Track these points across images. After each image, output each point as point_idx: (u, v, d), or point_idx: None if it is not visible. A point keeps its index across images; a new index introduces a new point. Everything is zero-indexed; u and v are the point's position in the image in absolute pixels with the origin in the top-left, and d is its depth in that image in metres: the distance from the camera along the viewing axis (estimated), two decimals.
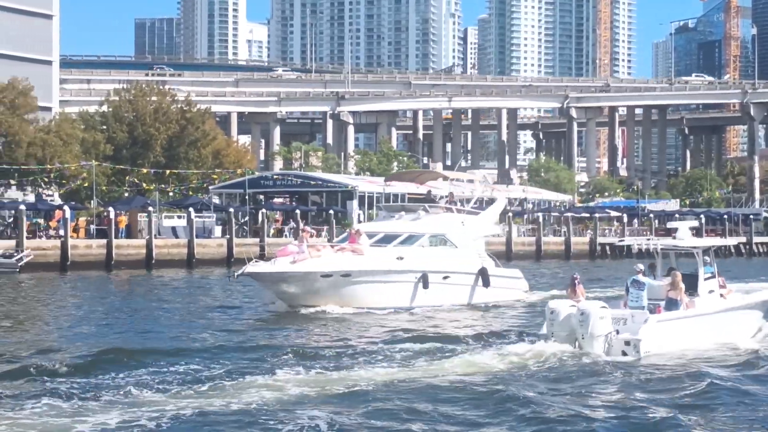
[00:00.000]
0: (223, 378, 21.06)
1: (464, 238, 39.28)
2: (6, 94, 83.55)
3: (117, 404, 18.30)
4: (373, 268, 35.87)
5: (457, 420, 17.78)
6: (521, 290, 41.23)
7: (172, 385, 20.10)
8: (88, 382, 20.36)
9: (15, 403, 18.29)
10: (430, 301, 36.67)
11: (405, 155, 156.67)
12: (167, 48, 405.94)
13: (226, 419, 17.40)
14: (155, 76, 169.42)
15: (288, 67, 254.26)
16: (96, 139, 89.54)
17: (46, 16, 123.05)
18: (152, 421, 17.01)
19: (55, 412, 17.66)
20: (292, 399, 19.08)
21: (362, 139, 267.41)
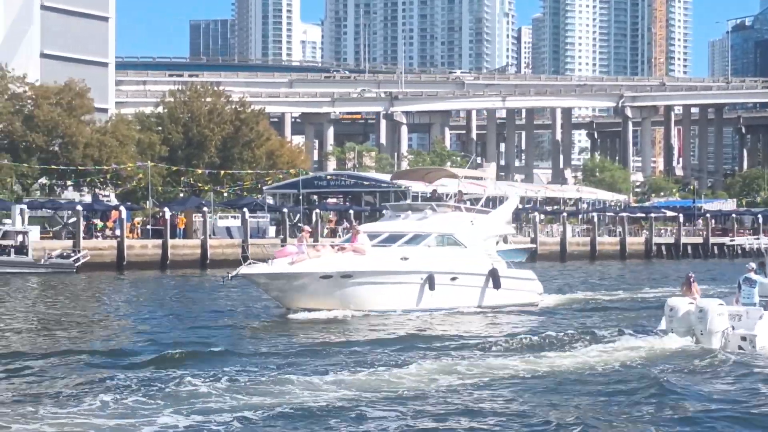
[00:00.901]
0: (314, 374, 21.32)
1: (473, 237, 37.62)
2: (63, 96, 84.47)
3: (180, 402, 18.37)
4: (376, 269, 34.45)
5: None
6: (535, 293, 39.43)
7: (234, 384, 20.16)
8: (150, 381, 20.47)
9: (78, 402, 18.42)
10: (437, 303, 35.22)
11: (458, 155, 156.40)
12: (222, 49, 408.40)
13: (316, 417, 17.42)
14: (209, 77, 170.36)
15: (341, 68, 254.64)
16: (152, 140, 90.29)
17: (103, 18, 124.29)
18: (218, 422, 17.06)
19: (119, 411, 17.76)
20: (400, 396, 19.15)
21: (415, 139, 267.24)
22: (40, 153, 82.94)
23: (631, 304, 40.21)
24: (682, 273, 40.28)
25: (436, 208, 38.22)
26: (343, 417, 17.52)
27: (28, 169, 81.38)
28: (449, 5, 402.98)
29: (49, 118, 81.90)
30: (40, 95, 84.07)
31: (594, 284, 53.56)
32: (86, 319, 34.34)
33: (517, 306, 37.00)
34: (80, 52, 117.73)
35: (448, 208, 38.99)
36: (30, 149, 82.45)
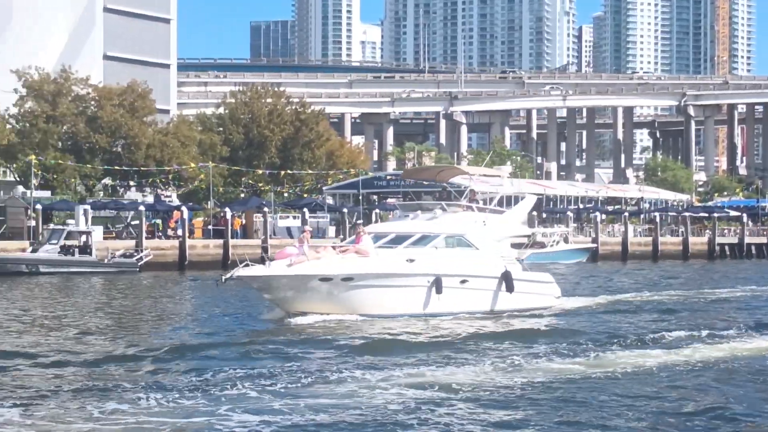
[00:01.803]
0: (397, 369, 21.51)
1: (486, 238, 35.66)
2: (126, 97, 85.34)
3: (244, 401, 18.48)
4: (378, 271, 32.74)
5: None
6: (552, 296, 37.45)
7: (296, 382, 20.23)
8: (209, 379, 20.59)
9: (146, 398, 18.58)
10: (445, 308, 33.43)
11: (518, 155, 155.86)
12: (282, 50, 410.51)
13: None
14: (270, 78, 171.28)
15: (401, 68, 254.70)
16: (213, 141, 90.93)
17: (165, 20, 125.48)
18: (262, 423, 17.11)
19: (177, 410, 17.88)
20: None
21: (475, 138, 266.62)
22: (104, 154, 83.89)
23: (653, 306, 38.54)
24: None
25: (446, 208, 36.47)
26: (407, 417, 17.48)
27: (92, 170, 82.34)
28: (509, 4, 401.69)
29: (112, 120, 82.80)
30: (104, 97, 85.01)
31: (633, 285, 51.62)
32: (150, 317, 34.63)
33: (531, 310, 35.38)
34: (142, 53, 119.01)
35: (459, 207, 37.09)
36: (93, 150, 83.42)
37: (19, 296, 43.22)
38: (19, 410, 17.66)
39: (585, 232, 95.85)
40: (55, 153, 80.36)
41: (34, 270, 58.00)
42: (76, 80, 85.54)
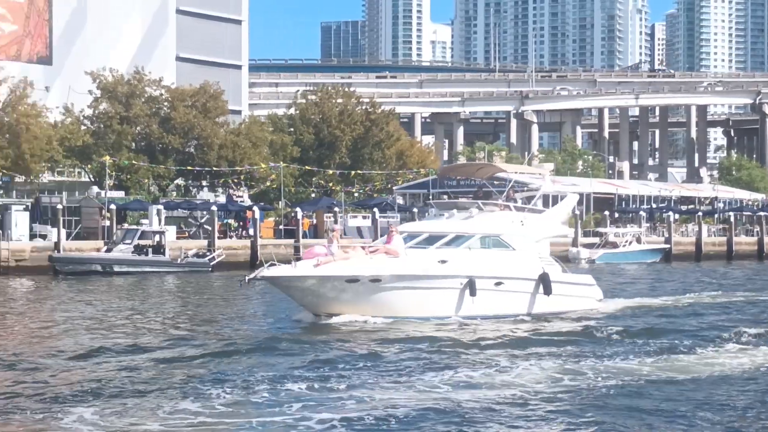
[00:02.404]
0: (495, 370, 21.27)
1: (523, 239, 34.50)
2: (198, 98, 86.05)
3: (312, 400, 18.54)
4: (409, 273, 31.68)
5: None
6: (593, 299, 36.26)
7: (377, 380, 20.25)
8: (279, 377, 20.70)
9: (217, 396, 18.71)
10: (478, 310, 32.32)
11: (590, 154, 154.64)
12: (352, 51, 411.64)
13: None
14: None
15: (471, 67, 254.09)
16: (284, 141, 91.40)
17: (236, 22, 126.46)
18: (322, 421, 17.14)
19: (241, 410, 17.99)
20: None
21: (546, 138, 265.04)
22: (176, 154, 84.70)
23: (699, 309, 36.88)
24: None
25: (482, 207, 35.33)
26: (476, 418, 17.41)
27: (165, 171, 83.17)
28: (581, 2, 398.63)
29: (184, 120, 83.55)
30: (176, 98, 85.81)
31: (691, 287, 49.68)
32: (222, 316, 34.86)
33: (571, 313, 34.08)
34: (214, 55, 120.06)
35: (496, 207, 35.86)
36: (166, 151, 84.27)
37: (94, 295, 43.73)
38: (93, 408, 17.89)
39: (658, 232, 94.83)
40: (129, 154, 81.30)
41: (108, 270, 58.72)
42: (150, 82, 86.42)
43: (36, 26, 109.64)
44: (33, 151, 71.87)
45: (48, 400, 18.78)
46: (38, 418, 17.18)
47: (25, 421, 17.03)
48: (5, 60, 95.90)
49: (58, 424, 16.81)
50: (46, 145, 73.44)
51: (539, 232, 35.52)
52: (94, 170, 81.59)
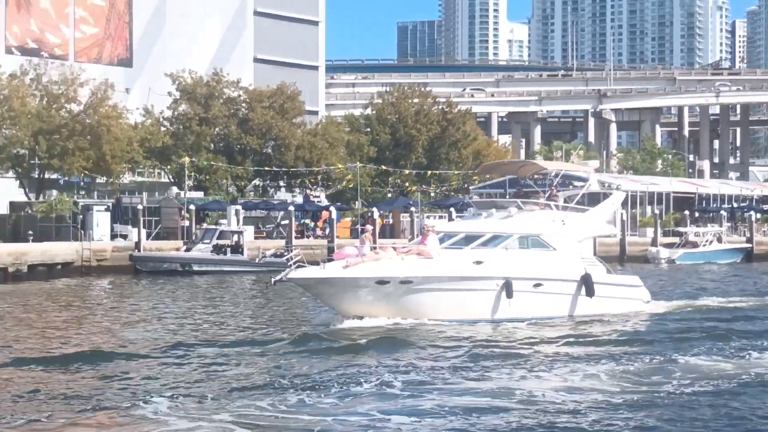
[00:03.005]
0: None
1: (564, 239, 33.20)
2: (275, 99, 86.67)
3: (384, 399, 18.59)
4: (441, 274, 30.70)
5: None
6: (640, 300, 34.82)
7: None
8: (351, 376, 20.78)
9: (295, 396, 18.84)
10: (516, 313, 31.23)
11: (669, 153, 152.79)
12: (429, 50, 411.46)
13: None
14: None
15: (549, 66, 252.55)
16: (360, 142, 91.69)
17: (313, 23, 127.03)
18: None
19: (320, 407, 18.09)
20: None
21: (624, 137, 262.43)
22: (254, 155, 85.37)
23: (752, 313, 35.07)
24: None
25: (522, 206, 34.07)
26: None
27: (243, 171, 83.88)
28: (659, 0, 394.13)
29: (262, 121, 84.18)
30: (254, 99, 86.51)
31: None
32: (297, 316, 35.06)
33: (616, 315, 32.90)
34: (291, 56, 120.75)
35: (536, 205, 34.65)
36: (244, 151, 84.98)
37: (174, 294, 44.21)
38: (168, 402, 18.17)
39: (739, 232, 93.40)
40: (208, 154, 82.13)
41: (187, 269, 59.36)
42: (228, 83, 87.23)
43: (116, 29, 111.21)
44: (114, 153, 72.90)
45: (129, 393, 19.15)
46: (122, 410, 17.52)
47: (109, 413, 17.39)
48: (87, 62, 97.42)
49: (137, 416, 17.11)
50: (126, 147, 74.45)
51: (582, 231, 34.35)
52: (174, 171, 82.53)
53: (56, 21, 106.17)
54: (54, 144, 71.69)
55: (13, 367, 22.63)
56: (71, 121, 72.85)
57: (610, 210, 38.75)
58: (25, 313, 35.88)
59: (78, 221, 62.50)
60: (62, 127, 71.94)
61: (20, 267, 52.18)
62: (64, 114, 73.70)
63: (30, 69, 75.23)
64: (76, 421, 16.92)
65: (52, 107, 73.57)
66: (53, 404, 18.28)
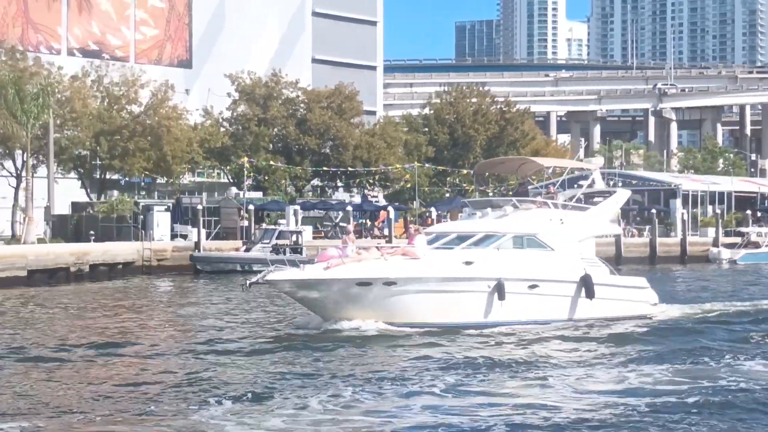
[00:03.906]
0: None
1: (563, 238, 31.70)
2: (333, 99, 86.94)
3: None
4: (427, 275, 29.23)
5: None
6: (646, 303, 33.04)
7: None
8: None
9: (352, 394, 18.91)
10: (510, 316, 29.74)
11: (731, 152, 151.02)
12: (487, 50, 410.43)
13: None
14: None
15: (608, 65, 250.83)
16: (418, 142, 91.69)
17: (371, 23, 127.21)
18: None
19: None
20: None
21: (685, 136, 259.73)
22: (312, 155, 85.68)
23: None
24: None
25: (518, 205, 32.62)
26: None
27: (301, 171, 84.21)
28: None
29: (320, 122, 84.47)
30: (312, 99, 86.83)
31: None
32: None
33: (620, 319, 31.34)
34: (349, 56, 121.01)
35: (533, 204, 33.18)
36: (303, 152, 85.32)
37: (234, 293, 44.46)
38: (230, 402, 18.27)
39: None
40: (267, 155, 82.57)
41: (247, 269, 59.55)
42: (286, 84, 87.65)
43: (176, 30, 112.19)
44: (174, 153, 73.55)
45: (185, 393, 19.28)
46: (178, 409, 17.65)
47: (167, 414, 17.52)
48: (147, 64, 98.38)
49: (192, 417, 17.23)
50: (186, 147, 75.09)
51: (582, 230, 32.76)
52: (233, 171, 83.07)
53: (117, 23, 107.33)
54: (115, 145, 72.54)
55: (74, 362, 22.98)
56: (132, 122, 73.64)
57: (614, 208, 36.78)
58: (88, 311, 36.29)
59: (139, 221, 63.06)
60: (123, 128, 72.76)
61: (82, 267, 52.77)
62: (125, 115, 74.51)
63: (91, 71, 76.16)
64: (131, 421, 17.08)
65: (113, 108, 74.40)
66: (116, 402, 18.49)
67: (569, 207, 33.61)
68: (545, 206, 32.95)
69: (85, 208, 69.33)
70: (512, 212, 32.11)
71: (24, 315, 35.20)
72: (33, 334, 28.96)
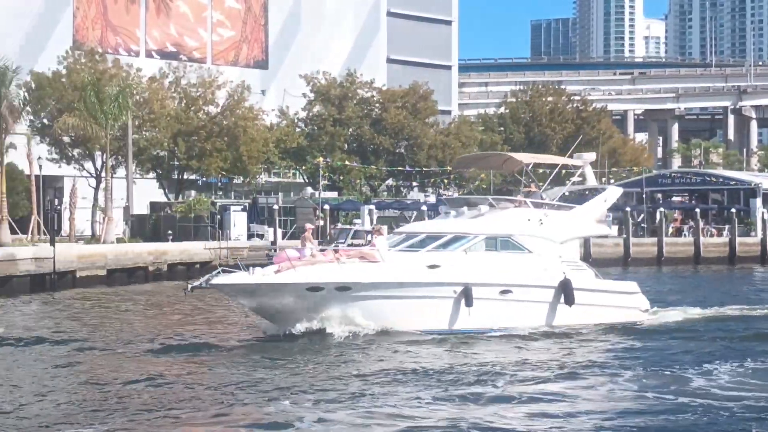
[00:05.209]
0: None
1: (542, 240, 29.67)
2: (408, 99, 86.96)
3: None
4: (385, 280, 27.43)
5: None
6: (636, 309, 30.98)
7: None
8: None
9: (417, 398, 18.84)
10: (479, 323, 28.02)
11: None
12: (563, 48, 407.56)
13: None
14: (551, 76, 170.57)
15: (686, 63, 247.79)
16: (493, 141, 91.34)
17: (446, 22, 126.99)
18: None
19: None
20: None
21: (765, 134, 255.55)
22: (387, 155, 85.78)
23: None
24: None
25: (494, 204, 30.77)
26: None
27: (376, 171, 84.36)
28: None
29: (395, 121, 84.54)
30: (387, 99, 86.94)
31: None
32: None
33: (604, 326, 29.44)
34: (424, 56, 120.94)
35: (511, 203, 31.38)
36: (378, 151, 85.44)
37: None
38: (312, 402, 18.33)
39: None
40: (342, 155, 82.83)
41: None
42: (361, 84, 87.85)
43: (252, 31, 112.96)
44: (250, 153, 74.09)
45: (268, 391, 19.42)
46: (257, 407, 17.76)
47: (248, 410, 17.67)
48: (224, 65, 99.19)
49: (270, 414, 17.34)
50: (262, 147, 75.61)
51: (564, 232, 30.57)
52: (308, 171, 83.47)
53: (194, 25, 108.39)
54: (192, 145, 73.28)
55: (158, 357, 23.31)
56: (209, 122, 74.31)
57: (602, 208, 33.95)
58: (168, 309, 36.70)
59: (215, 221, 63.59)
60: (200, 129, 73.46)
61: (160, 266, 53.36)
62: (202, 116, 75.20)
63: (169, 72, 76.98)
64: (207, 415, 17.25)
65: (190, 109, 75.14)
66: (196, 397, 18.67)
67: (553, 206, 31.63)
68: (524, 205, 30.94)
69: (163, 208, 70.06)
70: (487, 212, 30.25)
71: (115, 312, 35.92)
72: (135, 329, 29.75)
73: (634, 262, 68.81)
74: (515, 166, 35.17)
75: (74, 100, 63.18)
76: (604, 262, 67.66)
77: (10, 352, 24.71)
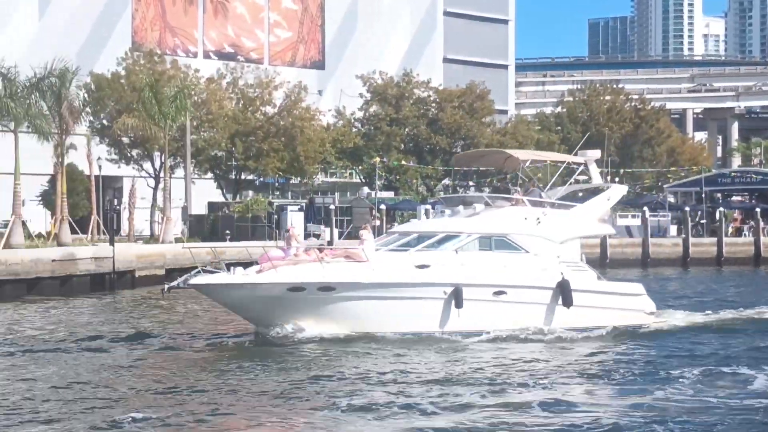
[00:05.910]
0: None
1: (539, 240, 28.66)
2: (465, 99, 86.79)
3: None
4: (370, 280, 26.65)
5: None
6: (641, 311, 29.69)
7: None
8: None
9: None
10: (470, 325, 27.03)
11: None
12: (621, 47, 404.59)
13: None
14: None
15: (746, 61, 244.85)
16: (551, 140, 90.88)
17: (503, 22, 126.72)
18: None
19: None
20: None
21: None
22: (444, 155, 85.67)
23: None
24: None
25: (490, 202, 29.90)
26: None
27: (433, 171, 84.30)
28: None
29: (452, 121, 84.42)
30: (444, 99, 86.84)
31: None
32: None
33: (605, 329, 28.43)
34: (481, 55, 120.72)
35: (507, 202, 30.24)
36: (434, 151, 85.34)
37: None
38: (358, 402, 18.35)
39: None
40: (398, 155, 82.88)
41: None
42: (418, 83, 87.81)
43: (309, 32, 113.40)
44: (307, 153, 74.38)
45: (324, 390, 19.45)
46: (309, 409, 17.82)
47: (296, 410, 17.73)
48: (281, 66, 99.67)
49: (323, 416, 17.38)
50: (319, 148, 75.89)
51: (563, 231, 29.51)
52: (365, 171, 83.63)
53: (251, 26, 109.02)
54: (250, 146, 73.71)
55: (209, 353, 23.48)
56: (266, 123, 74.69)
57: (604, 207, 32.88)
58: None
59: (273, 221, 63.88)
60: (258, 129, 73.85)
61: (218, 265, 53.62)
62: (260, 116, 75.61)
63: (227, 73, 77.51)
64: (259, 415, 17.35)
65: (247, 110, 75.57)
66: (256, 397, 18.77)
67: (552, 205, 30.60)
68: (521, 204, 29.94)
69: (221, 208, 70.53)
70: (483, 210, 29.40)
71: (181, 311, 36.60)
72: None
73: (694, 263, 68.16)
74: (516, 164, 33.84)
75: (133, 101, 63.76)
76: (661, 262, 67.37)
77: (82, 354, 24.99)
